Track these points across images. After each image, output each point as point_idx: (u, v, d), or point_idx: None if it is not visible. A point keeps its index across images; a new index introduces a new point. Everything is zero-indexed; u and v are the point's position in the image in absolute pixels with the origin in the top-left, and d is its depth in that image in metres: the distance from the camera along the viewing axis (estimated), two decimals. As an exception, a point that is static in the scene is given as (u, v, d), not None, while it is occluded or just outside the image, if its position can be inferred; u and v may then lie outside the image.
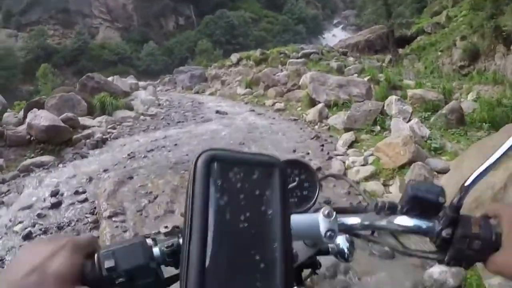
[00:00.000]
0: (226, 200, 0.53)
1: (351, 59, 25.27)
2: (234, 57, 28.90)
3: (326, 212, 0.75)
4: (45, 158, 7.93)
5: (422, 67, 23.10)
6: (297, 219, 0.75)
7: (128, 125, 11.07)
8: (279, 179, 0.58)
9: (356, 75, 16.78)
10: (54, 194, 5.98)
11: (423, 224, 0.75)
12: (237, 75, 25.83)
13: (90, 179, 6.49)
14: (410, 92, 10.64)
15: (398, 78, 14.31)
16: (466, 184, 0.73)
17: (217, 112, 12.90)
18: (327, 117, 10.69)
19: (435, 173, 5.99)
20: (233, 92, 20.59)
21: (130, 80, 22.52)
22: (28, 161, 7.81)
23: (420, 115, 9.57)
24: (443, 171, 5.94)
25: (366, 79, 14.11)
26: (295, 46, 29.53)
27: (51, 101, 11.10)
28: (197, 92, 26.04)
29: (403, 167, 6.15)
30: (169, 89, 32.27)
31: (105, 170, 6.86)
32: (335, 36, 67.62)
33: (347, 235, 1.01)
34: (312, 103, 12.25)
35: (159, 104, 15.49)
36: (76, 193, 5.98)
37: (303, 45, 30.02)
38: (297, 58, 22.87)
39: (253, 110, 13.43)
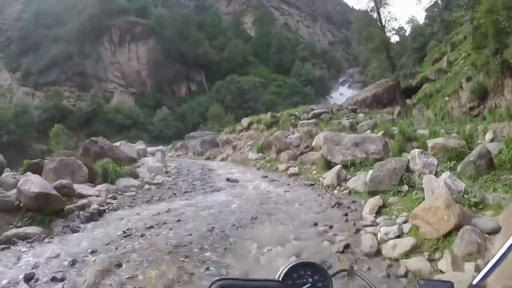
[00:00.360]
0: None
1: (361, 115, 24.66)
2: (244, 121, 28.32)
3: None
4: (31, 229, 6.85)
5: (431, 114, 22.42)
6: None
7: (131, 195, 10.07)
8: None
9: (369, 131, 15.97)
10: (28, 279, 4.85)
11: None
12: (248, 140, 25.17)
13: (74, 262, 5.33)
14: (430, 143, 9.55)
15: (412, 129, 13.39)
16: (474, 283, 0.73)
17: (228, 180, 11.95)
18: (345, 180, 9.74)
19: (487, 235, 4.87)
20: (245, 157, 19.85)
21: (139, 145, 21.98)
22: (12, 231, 6.75)
23: (445, 165, 8.47)
24: (494, 231, 4.89)
25: (380, 134, 13.32)
26: (305, 107, 29.07)
27: (50, 165, 10.22)
28: (208, 158, 25.35)
29: (448, 234, 5.02)
30: (181, 155, 31.60)
31: (93, 252, 5.73)
32: (342, 94, 69.00)
33: None
34: (328, 165, 11.36)
35: (167, 172, 14.65)
36: (53, 279, 4.83)
37: (313, 105, 29.61)
38: (308, 119, 22.12)
39: (265, 177, 12.43)
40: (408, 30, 57.23)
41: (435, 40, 46.62)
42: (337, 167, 10.21)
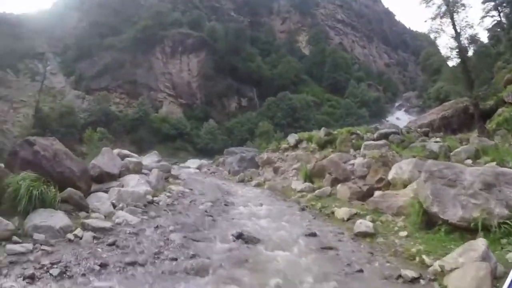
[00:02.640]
0: None
1: (437, 139, 18.33)
2: (292, 138, 22.43)
3: None
4: None
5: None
6: None
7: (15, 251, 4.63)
8: None
9: (469, 160, 9.93)
10: None
11: None
12: (294, 161, 19.59)
13: None
14: None
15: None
16: None
17: (240, 236, 6.11)
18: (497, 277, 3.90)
19: None
20: (287, 185, 14.55)
21: (151, 156, 17.02)
22: None
23: None
24: None
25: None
26: (367, 126, 23.11)
27: None
28: (242, 181, 19.98)
29: None
30: (215, 172, 26.44)
31: None
32: (399, 119, 62.37)
33: None
34: (430, 221, 5.86)
35: (153, 202, 8.95)
36: None
37: (376, 125, 23.73)
38: (373, 139, 15.97)
39: (313, 234, 6.56)
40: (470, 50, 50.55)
41: (502, 61, 39.75)
42: (479, 243, 4.35)
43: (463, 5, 24.99)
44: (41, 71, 49.65)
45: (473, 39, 26.92)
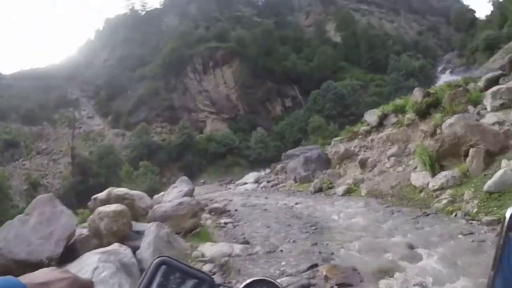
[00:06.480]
0: None
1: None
2: (371, 115, 15.01)
3: None
4: None
5: None
6: None
7: None
8: None
9: None
10: None
11: None
12: (386, 146, 12.18)
13: None
14: None
15: None
16: None
17: None
18: None
19: None
20: (400, 183, 8.24)
21: (182, 185, 9.75)
22: None
23: None
24: None
25: None
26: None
27: None
28: (320, 190, 12.33)
29: None
30: (277, 185, 18.89)
31: None
32: (447, 82, 52.09)
33: None
34: None
35: None
36: None
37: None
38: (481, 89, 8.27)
39: None
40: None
41: None
42: None
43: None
44: (78, 118, 45.40)
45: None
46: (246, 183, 25.74)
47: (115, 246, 5.00)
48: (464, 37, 67.19)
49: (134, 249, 5.23)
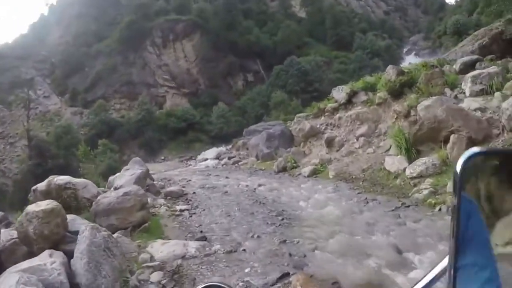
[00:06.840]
0: None
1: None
2: (338, 92, 14.34)
3: None
4: None
5: None
6: None
7: None
8: None
9: None
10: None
11: None
12: (355, 125, 11.39)
13: None
14: None
15: None
16: None
17: None
18: None
19: None
20: (371, 166, 7.51)
21: (138, 167, 8.81)
22: None
23: None
24: None
25: None
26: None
27: None
28: (284, 169, 11.65)
29: None
30: (239, 162, 18.06)
31: None
32: (412, 63, 52.59)
33: None
34: None
35: None
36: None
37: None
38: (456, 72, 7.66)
39: None
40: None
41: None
42: None
43: None
44: (34, 98, 42.66)
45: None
46: (207, 159, 24.92)
47: (44, 256, 3.99)
48: (432, 20, 67.86)
49: (71, 256, 4.23)
